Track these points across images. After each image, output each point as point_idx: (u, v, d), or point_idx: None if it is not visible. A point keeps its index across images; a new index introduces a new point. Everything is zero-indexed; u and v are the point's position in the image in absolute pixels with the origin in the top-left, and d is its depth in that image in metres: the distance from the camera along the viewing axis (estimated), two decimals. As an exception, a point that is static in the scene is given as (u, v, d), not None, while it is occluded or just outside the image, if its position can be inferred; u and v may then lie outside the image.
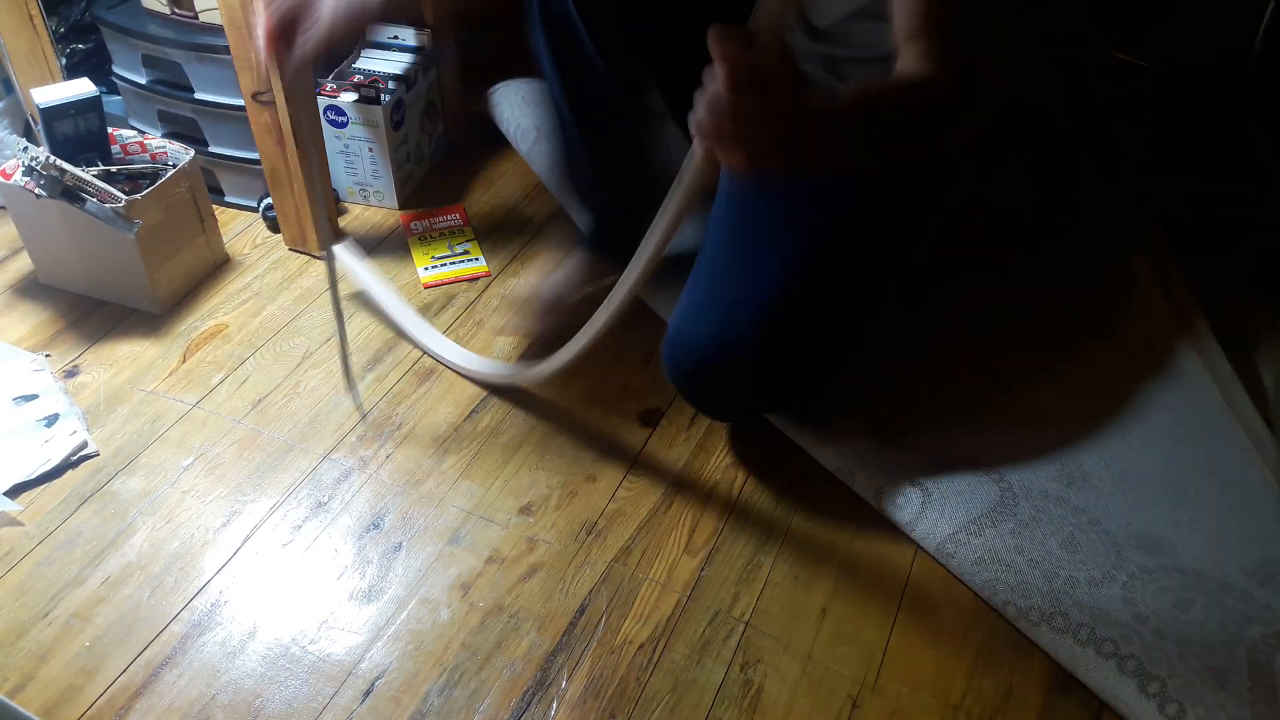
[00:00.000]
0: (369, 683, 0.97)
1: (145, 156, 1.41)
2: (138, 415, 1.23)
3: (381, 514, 1.13)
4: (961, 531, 1.07)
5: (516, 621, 1.02)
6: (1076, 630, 0.98)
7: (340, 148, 1.56)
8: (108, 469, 1.17)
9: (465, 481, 1.16)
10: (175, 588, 1.05)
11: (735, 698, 0.96)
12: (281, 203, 1.46)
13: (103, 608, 1.02)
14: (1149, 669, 0.94)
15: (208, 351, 1.33)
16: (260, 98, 1.34)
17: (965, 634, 1.02)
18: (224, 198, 1.60)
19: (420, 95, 1.62)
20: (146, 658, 0.98)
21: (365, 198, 1.61)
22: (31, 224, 1.37)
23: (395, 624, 1.02)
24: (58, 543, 1.09)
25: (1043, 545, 1.05)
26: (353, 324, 1.38)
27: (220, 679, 0.97)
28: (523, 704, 0.95)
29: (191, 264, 1.42)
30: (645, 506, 1.14)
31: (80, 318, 1.38)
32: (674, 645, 1.00)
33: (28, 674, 0.97)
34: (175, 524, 1.11)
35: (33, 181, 1.27)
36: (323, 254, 1.43)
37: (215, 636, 1.00)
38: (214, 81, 1.48)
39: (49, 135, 1.32)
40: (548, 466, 1.18)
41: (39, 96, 1.31)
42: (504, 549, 1.09)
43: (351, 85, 1.53)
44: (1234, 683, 0.93)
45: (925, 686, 0.97)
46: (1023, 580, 1.02)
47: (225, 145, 1.54)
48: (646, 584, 1.06)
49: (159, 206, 1.33)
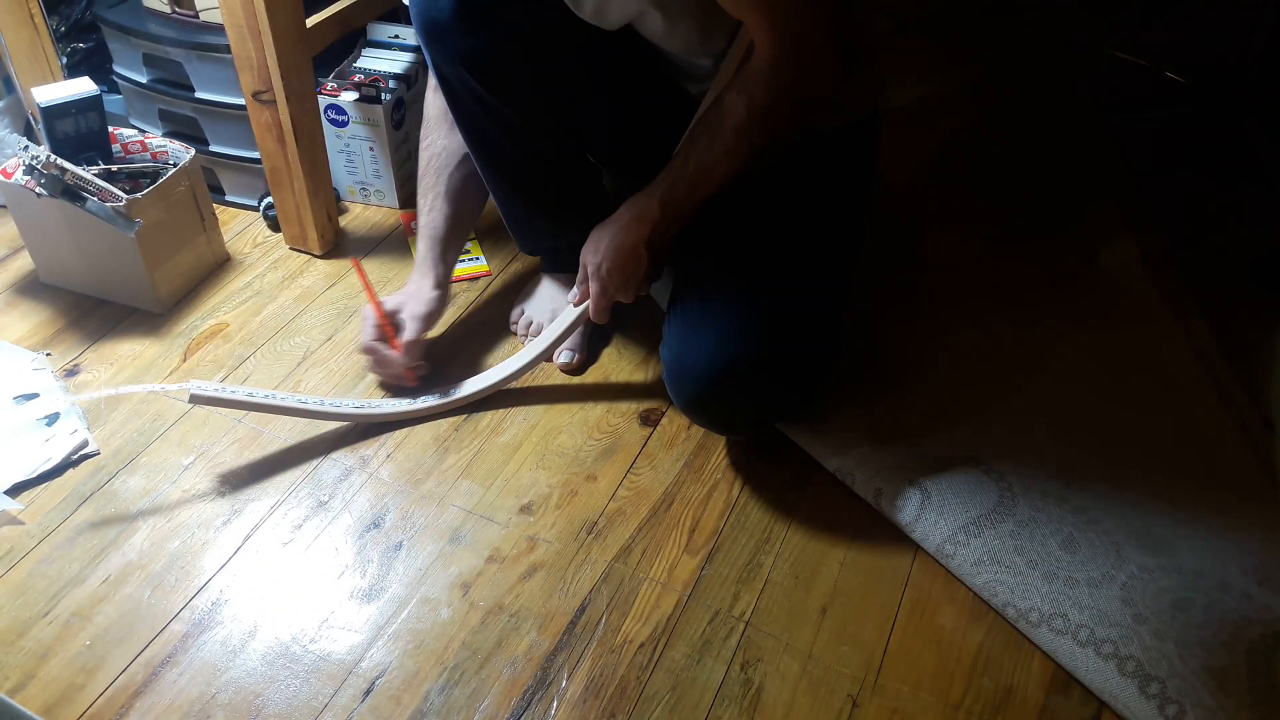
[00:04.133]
0: (369, 682, 0.97)
1: (146, 155, 1.41)
2: (138, 414, 1.23)
3: (382, 513, 1.13)
4: (960, 533, 1.07)
5: (517, 621, 1.02)
6: (1076, 631, 0.98)
7: (341, 147, 1.56)
8: (108, 468, 1.17)
9: (466, 480, 1.16)
10: (176, 586, 1.05)
11: (735, 697, 0.96)
12: (282, 202, 1.46)
13: (103, 606, 1.03)
14: (1149, 670, 0.94)
15: (208, 350, 1.33)
16: (261, 97, 1.34)
17: (965, 633, 1.02)
18: (225, 197, 1.60)
19: (421, 95, 1.61)
20: (147, 656, 0.98)
21: (366, 197, 1.62)
22: (32, 223, 1.37)
23: (396, 623, 1.02)
24: (58, 541, 1.09)
25: (1042, 546, 1.05)
26: (350, 325, 1.38)
27: (221, 678, 0.97)
28: (523, 703, 0.95)
29: (192, 263, 1.42)
30: (645, 506, 1.14)
31: (81, 316, 1.38)
32: (674, 644, 1.00)
33: (28, 673, 0.97)
34: (176, 523, 1.11)
35: (33, 180, 1.27)
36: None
37: (216, 635, 1.00)
38: (215, 80, 1.48)
39: (50, 134, 1.32)
40: (548, 466, 1.18)
41: (40, 95, 1.31)
42: (504, 548, 1.09)
43: (352, 84, 1.53)
44: (1233, 683, 0.93)
45: (925, 686, 0.97)
46: (1022, 581, 1.02)
47: (226, 144, 1.54)
48: (647, 583, 1.06)
49: (160, 206, 1.33)
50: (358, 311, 1.39)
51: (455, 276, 1.40)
